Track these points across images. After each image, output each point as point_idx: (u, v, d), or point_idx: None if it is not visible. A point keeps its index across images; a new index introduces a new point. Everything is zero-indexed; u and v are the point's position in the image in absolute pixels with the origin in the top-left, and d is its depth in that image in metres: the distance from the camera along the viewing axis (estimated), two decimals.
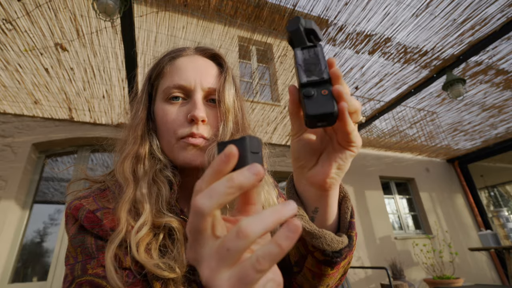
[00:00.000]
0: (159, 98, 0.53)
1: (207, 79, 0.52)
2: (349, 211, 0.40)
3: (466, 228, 5.51)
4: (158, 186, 0.47)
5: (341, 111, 0.29)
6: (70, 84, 3.00)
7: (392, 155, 5.48)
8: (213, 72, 0.54)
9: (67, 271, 0.41)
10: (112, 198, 0.47)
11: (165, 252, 0.43)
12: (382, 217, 4.79)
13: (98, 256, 0.41)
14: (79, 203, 0.45)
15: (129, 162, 0.48)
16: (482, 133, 4.94)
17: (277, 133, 4.22)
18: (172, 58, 0.55)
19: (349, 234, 0.39)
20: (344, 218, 0.40)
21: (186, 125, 0.49)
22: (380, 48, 2.97)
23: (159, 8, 2.58)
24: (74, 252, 0.42)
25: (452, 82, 2.99)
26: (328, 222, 0.39)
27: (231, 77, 0.55)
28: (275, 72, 4.29)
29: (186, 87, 0.51)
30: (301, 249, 0.42)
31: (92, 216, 0.43)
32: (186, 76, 0.51)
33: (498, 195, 8.65)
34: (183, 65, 0.53)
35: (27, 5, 2.20)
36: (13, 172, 2.96)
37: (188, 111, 0.49)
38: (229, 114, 0.51)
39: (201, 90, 0.51)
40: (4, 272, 2.75)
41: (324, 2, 2.45)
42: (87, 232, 0.43)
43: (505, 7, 2.40)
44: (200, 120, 0.48)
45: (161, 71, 0.55)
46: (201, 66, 0.54)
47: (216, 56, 0.58)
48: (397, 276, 4.12)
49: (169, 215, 0.45)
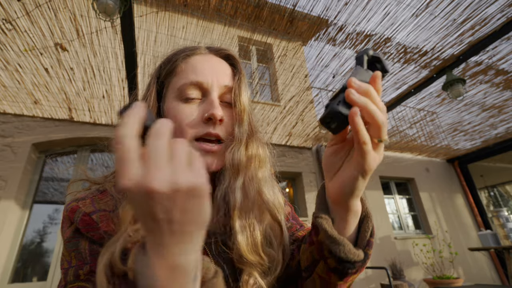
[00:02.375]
0: (172, 97, 0.51)
1: (223, 78, 0.52)
2: (370, 231, 0.40)
3: (466, 228, 5.51)
4: None
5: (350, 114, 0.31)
6: (70, 84, 3.00)
7: (392, 155, 5.48)
8: (228, 72, 0.54)
9: (62, 275, 0.41)
10: (111, 201, 0.46)
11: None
12: (382, 217, 4.79)
13: (91, 262, 0.40)
14: (76, 205, 0.44)
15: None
16: (482, 133, 4.94)
17: (277, 133, 4.22)
18: (187, 56, 0.54)
19: (365, 251, 0.39)
20: (363, 236, 0.40)
21: (201, 124, 0.48)
22: (380, 48, 2.97)
23: (159, 8, 2.58)
24: (68, 256, 0.42)
25: (452, 82, 2.99)
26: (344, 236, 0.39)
27: (245, 78, 0.55)
28: (275, 72, 4.29)
29: (203, 84, 0.50)
30: (314, 254, 0.42)
31: (87, 219, 0.42)
32: (203, 73, 0.50)
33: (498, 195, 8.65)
34: (199, 63, 0.52)
35: (27, 5, 2.20)
36: (13, 172, 2.96)
37: (205, 110, 0.48)
38: (245, 115, 0.51)
39: (217, 89, 0.50)
40: (4, 272, 2.75)
41: (324, 2, 2.45)
42: (81, 236, 0.42)
43: (505, 7, 2.40)
44: (218, 119, 0.47)
45: (174, 69, 0.53)
46: (217, 65, 0.53)
47: (230, 56, 0.57)
48: (397, 276, 4.12)
49: None
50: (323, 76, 3.56)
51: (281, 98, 4.17)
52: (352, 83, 0.31)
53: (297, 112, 4.09)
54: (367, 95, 0.32)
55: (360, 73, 0.34)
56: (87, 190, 0.49)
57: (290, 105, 4.01)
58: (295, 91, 3.95)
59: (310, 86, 3.87)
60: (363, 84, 0.32)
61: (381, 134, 0.32)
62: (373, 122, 0.32)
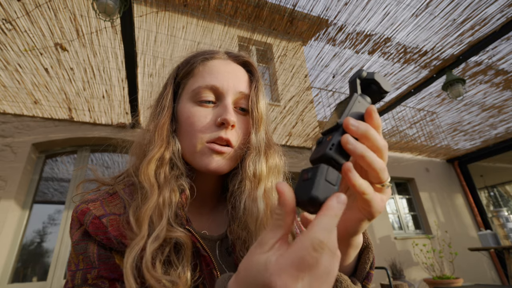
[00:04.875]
0: (186, 98, 0.51)
1: (240, 84, 0.52)
2: (370, 262, 0.40)
3: (466, 228, 5.51)
4: (171, 195, 0.45)
5: (343, 170, 0.28)
6: (70, 84, 3.00)
7: (392, 155, 5.48)
8: (245, 79, 0.54)
9: (68, 277, 0.41)
10: (120, 203, 0.46)
11: (169, 266, 0.41)
12: (382, 217, 4.79)
13: (100, 266, 0.40)
14: (86, 207, 0.43)
15: (153, 165, 0.46)
16: (482, 133, 4.95)
17: (277, 133, 4.22)
18: (206, 59, 0.54)
19: (364, 285, 0.39)
20: (362, 268, 0.40)
21: (214, 128, 0.48)
22: (380, 48, 2.97)
23: (159, 8, 2.58)
24: (76, 259, 0.41)
25: (452, 82, 2.99)
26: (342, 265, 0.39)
27: (263, 86, 0.55)
28: (275, 72, 4.29)
29: (218, 88, 0.50)
30: None
31: (97, 222, 0.42)
32: (219, 78, 0.50)
33: (498, 195, 8.65)
34: (217, 67, 0.52)
35: (27, 5, 2.20)
36: (13, 172, 2.96)
37: (218, 115, 0.48)
38: (262, 123, 0.51)
39: (232, 95, 0.50)
40: (4, 272, 2.75)
41: (324, 2, 2.45)
42: (90, 239, 0.42)
43: (505, 7, 2.40)
44: (231, 125, 0.47)
45: (191, 70, 0.53)
46: (235, 70, 0.53)
47: (247, 63, 0.58)
48: (397, 276, 4.12)
49: (178, 229, 0.43)
50: (323, 76, 3.56)
51: (281, 98, 4.17)
52: (350, 125, 0.28)
53: (297, 112, 4.09)
54: (365, 139, 0.29)
55: (355, 103, 0.31)
56: (96, 191, 0.49)
57: (290, 105, 4.01)
58: (295, 91, 3.95)
59: (310, 86, 3.88)
60: (361, 125, 0.28)
61: (382, 179, 0.30)
62: (370, 170, 0.29)
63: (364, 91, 0.33)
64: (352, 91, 0.33)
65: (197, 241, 0.44)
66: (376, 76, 0.32)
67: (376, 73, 0.32)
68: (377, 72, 0.32)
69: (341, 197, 0.24)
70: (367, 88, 0.33)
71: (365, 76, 0.32)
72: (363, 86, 0.33)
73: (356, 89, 0.32)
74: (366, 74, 0.32)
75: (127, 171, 0.52)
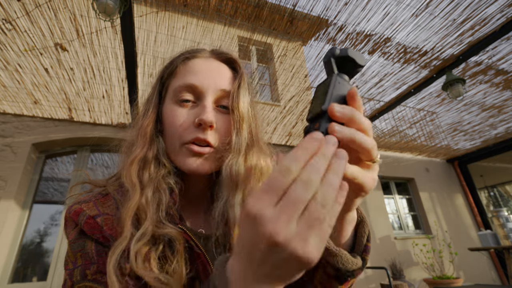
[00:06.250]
0: (169, 98, 0.51)
1: (221, 81, 0.50)
2: (366, 235, 0.40)
3: (466, 228, 5.51)
4: (159, 194, 0.45)
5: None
6: (70, 84, 3.00)
7: (392, 155, 5.48)
8: (227, 76, 0.52)
9: (66, 276, 0.41)
10: (113, 205, 0.46)
11: (164, 262, 0.42)
12: (382, 217, 4.79)
13: (98, 261, 0.40)
14: (79, 207, 0.43)
15: (135, 166, 0.46)
16: (482, 133, 4.95)
17: (277, 133, 4.22)
18: (186, 58, 0.53)
19: (363, 257, 0.39)
20: (360, 241, 0.40)
21: (192, 129, 0.47)
22: (379, 48, 2.97)
23: (159, 8, 2.58)
24: (73, 257, 0.41)
25: (451, 82, 2.99)
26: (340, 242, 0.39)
27: (246, 83, 0.53)
28: (275, 72, 4.29)
29: (197, 87, 0.49)
30: None
31: (92, 222, 0.42)
32: (199, 76, 0.49)
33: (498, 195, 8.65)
34: (197, 66, 0.51)
35: (27, 5, 2.20)
36: (13, 172, 2.96)
37: (196, 115, 0.47)
38: (244, 123, 0.49)
39: (213, 94, 0.49)
40: (4, 272, 2.75)
41: (324, 2, 2.46)
42: (87, 237, 0.42)
43: (505, 7, 2.40)
44: (208, 126, 0.46)
45: (173, 70, 0.53)
46: (215, 69, 0.52)
47: (231, 60, 0.56)
48: (397, 276, 4.12)
49: (169, 225, 0.43)
50: (323, 76, 3.57)
51: (281, 98, 4.17)
52: (335, 112, 0.27)
53: (297, 112, 4.09)
54: (352, 123, 0.28)
55: (336, 85, 0.30)
56: (89, 193, 0.49)
57: (290, 105, 4.02)
58: (295, 91, 3.95)
59: (310, 86, 3.88)
60: (346, 110, 0.28)
61: (372, 157, 0.30)
62: (362, 150, 0.29)
63: (340, 69, 0.32)
64: (329, 71, 0.32)
65: (190, 238, 0.44)
66: (350, 52, 0.32)
67: (349, 49, 0.32)
68: (350, 48, 0.32)
69: (317, 134, 0.25)
70: (343, 66, 0.32)
71: (339, 54, 0.32)
72: (339, 64, 0.32)
73: (332, 68, 0.31)
74: (340, 51, 0.32)
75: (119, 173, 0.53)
